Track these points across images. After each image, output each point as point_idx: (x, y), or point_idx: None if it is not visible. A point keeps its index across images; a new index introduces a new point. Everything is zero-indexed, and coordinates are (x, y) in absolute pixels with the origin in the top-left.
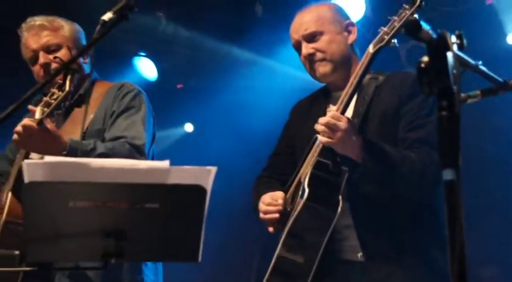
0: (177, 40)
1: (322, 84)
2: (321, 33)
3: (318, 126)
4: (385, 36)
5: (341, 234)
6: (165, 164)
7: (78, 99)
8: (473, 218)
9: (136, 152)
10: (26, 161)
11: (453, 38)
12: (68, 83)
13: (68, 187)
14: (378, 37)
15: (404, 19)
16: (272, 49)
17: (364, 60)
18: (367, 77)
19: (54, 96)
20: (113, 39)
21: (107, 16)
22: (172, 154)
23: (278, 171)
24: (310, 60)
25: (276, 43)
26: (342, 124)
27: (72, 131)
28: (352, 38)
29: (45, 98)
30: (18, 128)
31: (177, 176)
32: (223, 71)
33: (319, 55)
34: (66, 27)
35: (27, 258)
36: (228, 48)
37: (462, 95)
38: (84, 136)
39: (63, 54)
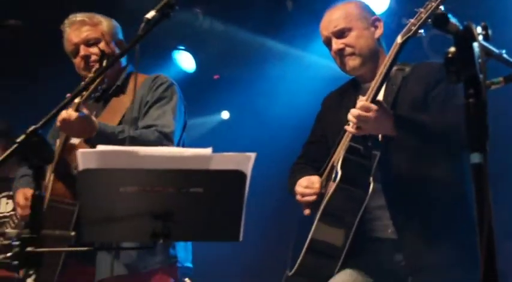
0: (213, 34)
1: (351, 76)
2: (349, 30)
3: (350, 117)
4: (413, 27)
5: (372, 214)
6: (207, 151)
7: (116, 89)
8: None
9: (165, 138)
10: (80, 150)
11: (478, 29)
12: (104, 67)
13: (118, 174)
14: (405, 28)
15: (431, 10)
16: (302, 41)
17: (392, 50)
18: (394, 68)
19: (89, 81)
20: (154, 35)
21: (150, 14)
22: (210, 139)
23: (312, 159)
24: (340, 55)
25: (306, 35)
26: (371, 114)
27: (110, 119)
28: (378, 32)
29: (83, 83)
30: (60, 117)
31: (219, 162)
32: (257, 62)
33: (348, 50)
34: (104, 23)
35: (83, 239)
36: (261, 40)
37: (486, 82)
38: (120, 124)
39: (101, 47)
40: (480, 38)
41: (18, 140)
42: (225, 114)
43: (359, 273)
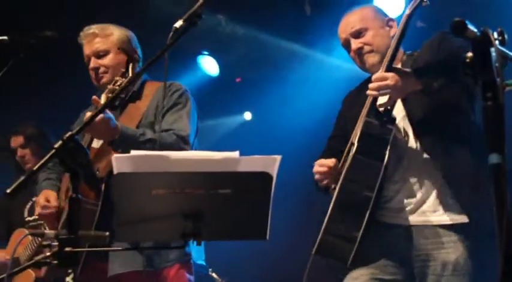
0: (235, 38)
1: (368, 75)
2: (365, 29)
3: (370, 92)
4: None
5: (387, 194)
6: (235, 154)
7: (132, 95)
8: None
9: (182, 141)
10: (115, 155)
11: (495, 35)
12: (130, 70)
13: (151, 177)
14: (412, 2)
15: None
16: (322, 44)
17: (402, 21)
18: (404, 57)
19: (118, 83)
20: (180, 41)
21: (178, 24)
22: (233, 139)
23: (335, 152)
24: (359, 54)
25: (326, 39)
26: (389, 81)
27: (128, 124)
28: (393, 31)
29: (109, 86)
30: (86, 118)
31: (246, 164)
32: (277, 65)
33: (366, 48)
34: (115, 34)
35: (117, 239)
36: (281, 44)
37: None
38: (137, 127)
39: (110, 58)
40: (496, 43)
41: (56, 145)
42: (248, 115)
43: (378, 257)
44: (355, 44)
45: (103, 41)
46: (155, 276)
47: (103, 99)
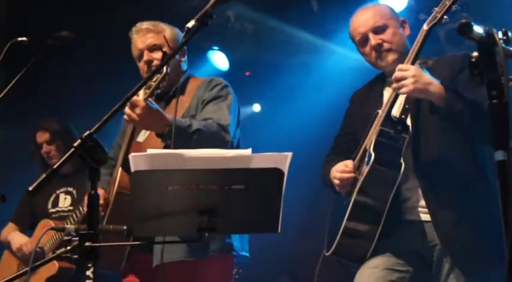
0: (244, 34)
1: (377, 72)
2: (386, 27)
3: (394, 84)
4: (438, 15)
5: (402, 195)
6: (248, 151)
7: (176, 91)
8: None
9: (223, 130)
10: (132, 154)
11: (500, 34)
12: (165, 67)
13: (166, 174)
14: (431, 16)
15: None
16: (329, 38)
17: (419, 36)
18: (417, 62)
19: (154, 78)
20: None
21: (190, 24)
22: (245, 130)
23: (343, 150)
24: (378, 50)
25: (333, 33)
26: (411, 71)
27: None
28: (406, 32)
29: (149, 82)
30: (127, 108)
31: (258, 161)
32: (285, 59)
33: (386, 45)
34: (167, 31)
35: (135, 233)
36: (289, 39)
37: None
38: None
39: (164, 50)
40: (501, 43)
41: (75, 144)
42: (257, 107)
43: (390, 256)
44: (374, 39)
45: (156, 36)
46: (196, 266)
47: (141, 94)
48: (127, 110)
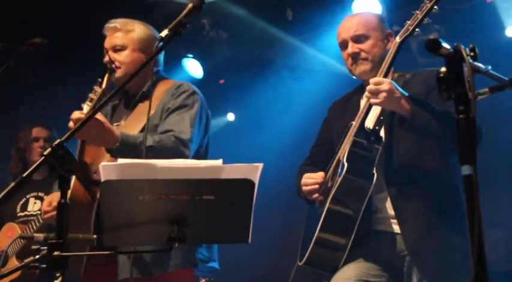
0: (219, 42)
1: (357, 82)
2: (367, 37)
3: (367, 94)
4: (410, 27)
5: (373, 206)
6: (219, 162)
7: (142, 95)
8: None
9: (182, 144)
10: (102, 163)
11: (467, 51)
12: (105, 80)
13: (137, 184)
14: (403, 29)
15: (426, 11)
16: (301, 51)
17: (392, 49)
18: (395, 75)
19: (96, 93)
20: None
21: (164, 33)
22: (219, 139)
23: (318, 160)
24: (354, 58)
25: (307, 43)
26: (385, 85)
27: (135, 125)
28: (389, 45)
29: (90, 95)
30: (70, 123)
31: (229, 171)
32: (260, 67)
33: (363, 54)
34: (137, 31)
35: (105, 243)
36: (263, 48)
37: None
38: (143, 130)
39: (125, 54)
40: (468, 58)
41: (45, 153)
42: (231, 116)
43: (363, 264)
44: (352, 48)
45: (122, 36)
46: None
47: (85, 108)
48: (70, 124)
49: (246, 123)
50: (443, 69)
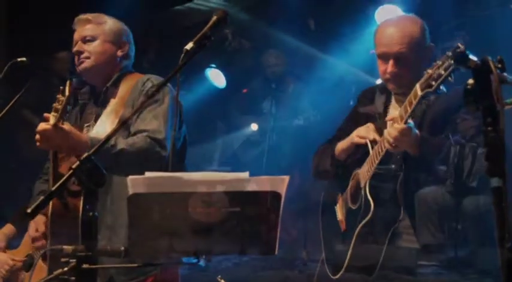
0: (241, 51)
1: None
2: (407, 58)
3: (388, 137)
4: (433, 82)
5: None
6: (245, 174)
7: (106, 91)
8: None
9: (158, 145)
10: (130, 176)
11: (495, 62)
12: (67, 88)
13: (165, 197)
14: (423, 79)
15: (449, 70)
16: (322, 58)
17: (413, 100)
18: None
19: (60, 102)
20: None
21: (189, 46)
22: (243, 150)
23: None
24: (392, 75)
25: (328, 53)
26: (406, 139)
27: (110, 123)
28: (425, 62)
29: (54, 104)
30: (36, 136)
31: (255, 184)
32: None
33: (399, 75)
34: (108, 23)
35: (133, 256)
36: (286, 55)
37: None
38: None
39: (95, 45)
40: (496, 70)
41: (74, 166)
42: (254, 126)
43: None
44: (392, 67)
45: (93, 27)
46: None
47: (51, 118)
48: (37, 137)
49: (269, 133)
50: (470, 81)
